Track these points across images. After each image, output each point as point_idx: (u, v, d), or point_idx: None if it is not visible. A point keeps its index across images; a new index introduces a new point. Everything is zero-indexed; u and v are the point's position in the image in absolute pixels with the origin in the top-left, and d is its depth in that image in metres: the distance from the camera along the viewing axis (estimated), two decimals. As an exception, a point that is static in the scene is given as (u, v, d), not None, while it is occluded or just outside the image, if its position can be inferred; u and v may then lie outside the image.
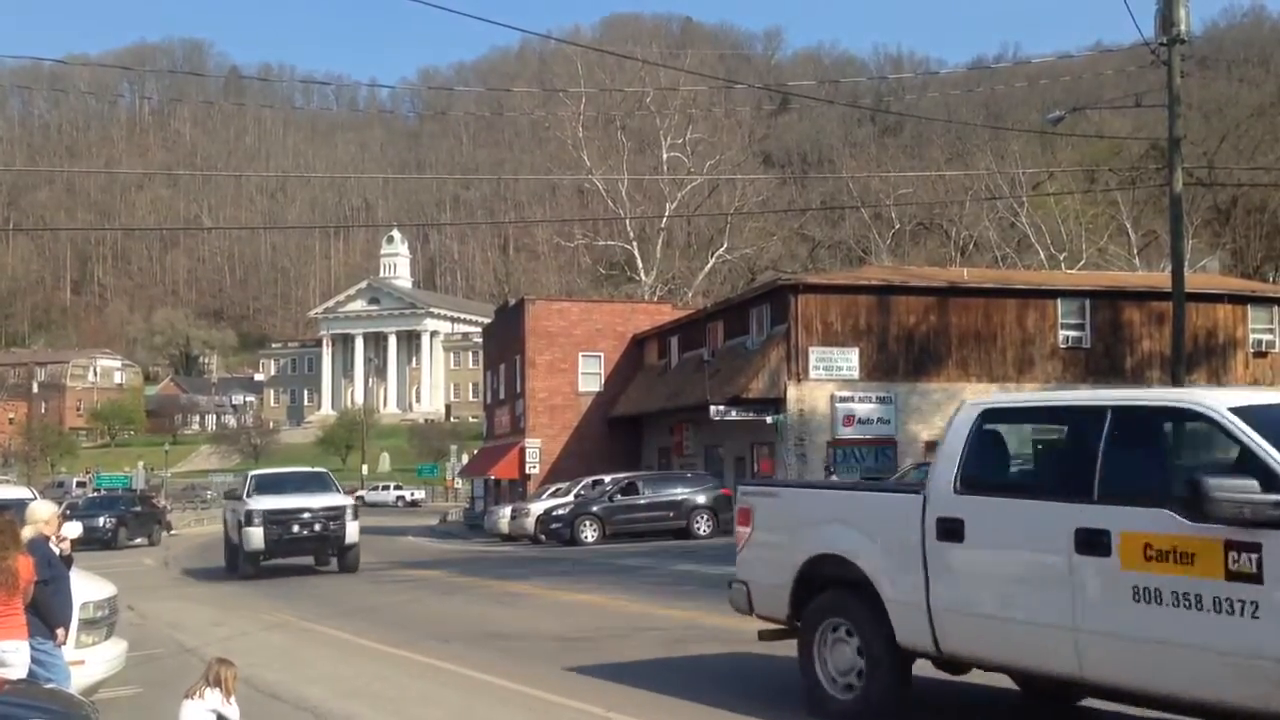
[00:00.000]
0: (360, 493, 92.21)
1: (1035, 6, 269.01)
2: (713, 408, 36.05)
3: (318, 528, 25.95)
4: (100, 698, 9.79)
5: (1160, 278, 39.76)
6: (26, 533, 8.55)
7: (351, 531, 26.32)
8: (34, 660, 8.23)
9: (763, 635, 10.30)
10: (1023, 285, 38.89)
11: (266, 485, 27.40)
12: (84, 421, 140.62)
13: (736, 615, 15.97)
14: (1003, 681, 9.40)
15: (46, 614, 8.48)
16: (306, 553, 27.18)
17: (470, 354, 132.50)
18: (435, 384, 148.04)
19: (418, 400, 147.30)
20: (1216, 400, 6.95)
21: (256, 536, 25.45)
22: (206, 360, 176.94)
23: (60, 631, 8.65)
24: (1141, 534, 6.74)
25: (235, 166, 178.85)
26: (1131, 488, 6.98)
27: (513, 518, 39.57)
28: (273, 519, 25.56)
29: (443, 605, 19.38)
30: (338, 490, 28.34)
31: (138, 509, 44.96)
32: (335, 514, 26.17)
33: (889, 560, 8.45)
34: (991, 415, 8.29)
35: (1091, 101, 57.08)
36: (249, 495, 26.48)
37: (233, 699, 7.69)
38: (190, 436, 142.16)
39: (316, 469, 31.47)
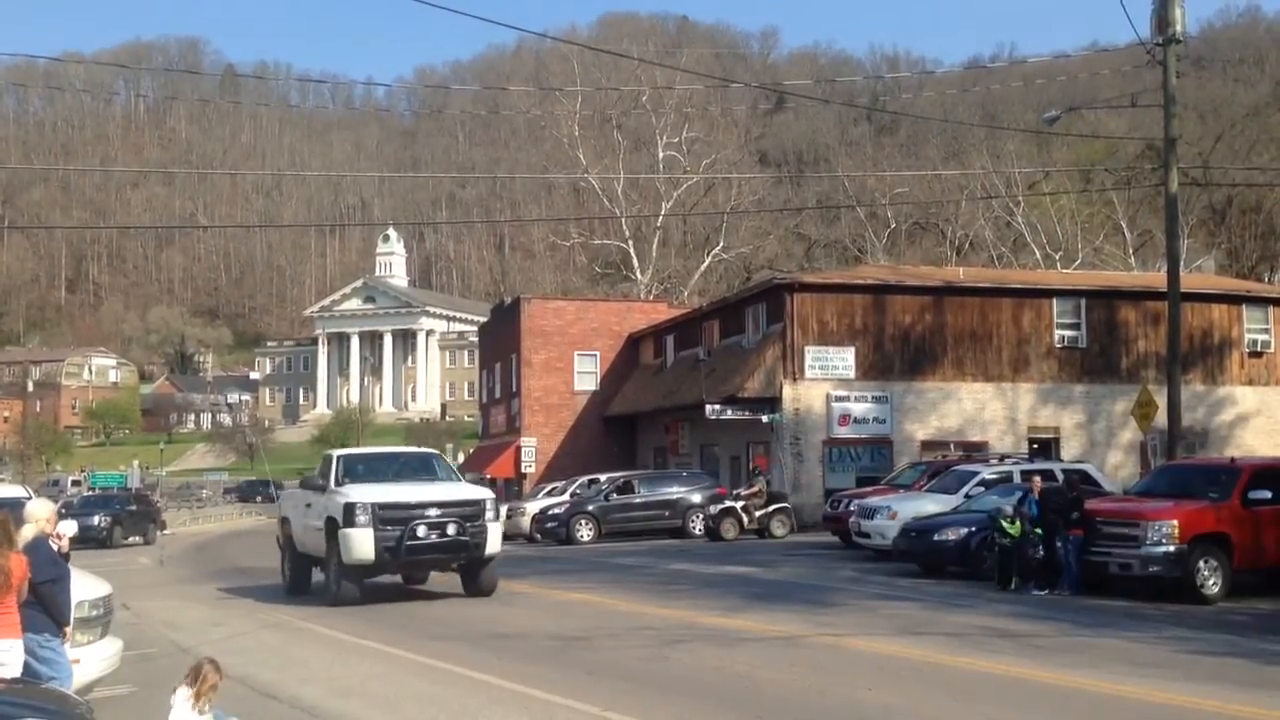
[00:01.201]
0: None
1: (1031, 6, 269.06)
2: (708, 407, 36.04)
3: (451, 530, 18.41)
4: (95, 697, 9.78)
5: (1156, 277, 39.77)
6: (28, 531, 8.54)
7: (494, 536, 19.00)
8: (40, 658, 8.24)
9: None
10: (1018, 285, 38.89)
11: (361, 469, 20.01)
12: (79, 420, 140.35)
13: (732, 615, 16.06)
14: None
15: (55, 612, 8.48)
16: (431, 566, 20.02)
17: (466, 353, 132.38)
18: (431, 383, 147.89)
19: (413, 399, 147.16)
20: None
21: (364, 542, 18.07)
22: (202, 359, 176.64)
23: (67, 629, 8.66)
24: None
25: (231, 165, 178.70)
26: None
27: (508, 517, 39.39)
28: (388, 517, 18.18)
29: (438, 604, 19.36)
30: (460, 477, 21.29)
31: (133, 508, 44.84)
32: (472, 511, 18.83)
33: None
34: None
35: (1087, 101, 57.05)
36: (340, 482, 19.29)
37: (205, 696, 7.51)
38: (185, 435, 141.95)
39: (423, 449, 24.38)
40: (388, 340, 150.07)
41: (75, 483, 78.04)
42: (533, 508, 37.62)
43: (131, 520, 43.16)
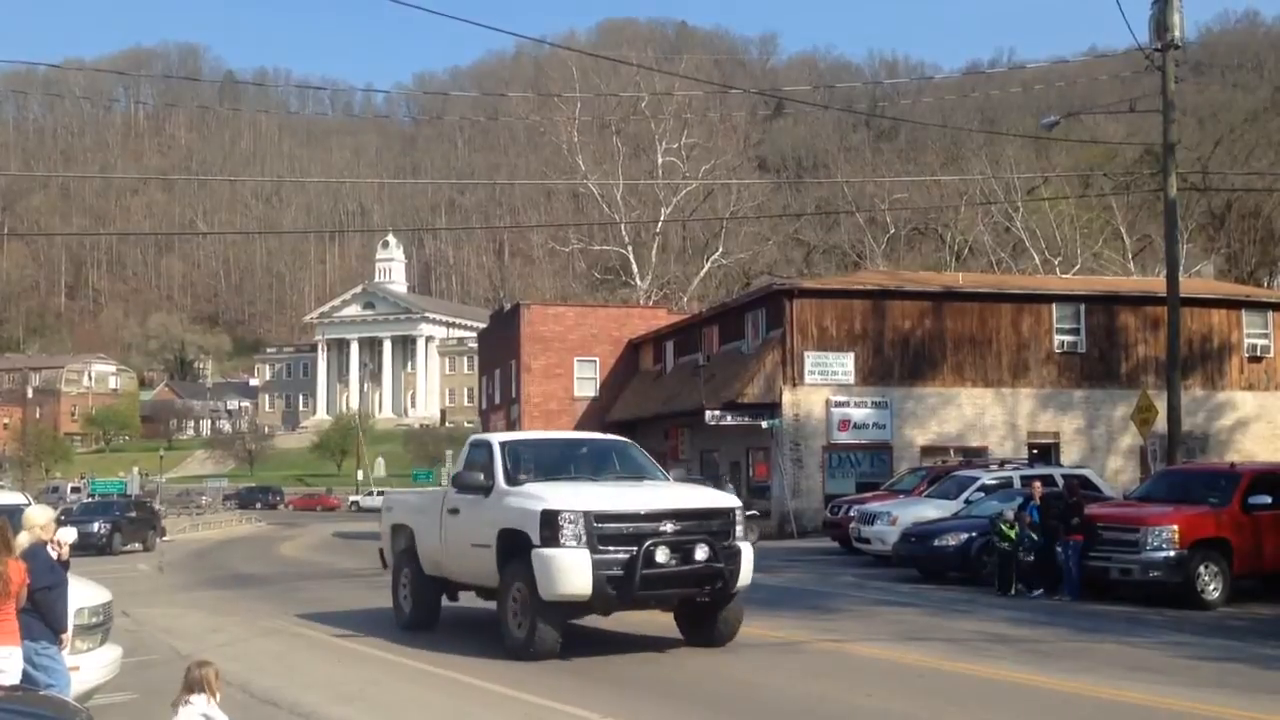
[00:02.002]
0: (356, 498, 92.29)
1: (1030, 11, 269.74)
2: (708, 412, 36.02)
3: (700, 555, 12.68)
4: (95, 704, 9.77)
5: (1155, 282, 39.78)
6: (24, 539, 8.52)
7: (748, 562, 13.35)
8: (38, 665, 8.23)
9: None
10: (1018, 290, 38.89)
11: (536, 462, 14.50)
12: (79, 427, 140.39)
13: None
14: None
15: (52, 619, 8.48)
16: (665, 603, 13.70)
17: (465, 359, 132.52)
18: (430, 389, 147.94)
19: (413, 405, 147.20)
20: None
21: (576, 569, 12.35)
22: (201, 365, 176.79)
23: (64, 636, 8.66)
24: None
25: (230, 171, 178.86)
26: None
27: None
28: (610, 532, 12.59)
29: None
30: (668, 475, 15.40)
31: (132, 514, 44.80)
32: (721, 526, 13.22)
33: None
34: None
35: (1086, 106, 57.09)
36: (513, 480, 13.72)
37: (218, 697, 7.52)
38: (185, 441, 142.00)
39: (612, 436, 17.39)
40: (387, 346, 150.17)
41: (75, 489, 78.06)
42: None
43: (131, 527, 43.10)
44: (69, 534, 9.52)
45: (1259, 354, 38.42)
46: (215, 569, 31.70)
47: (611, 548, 12.52)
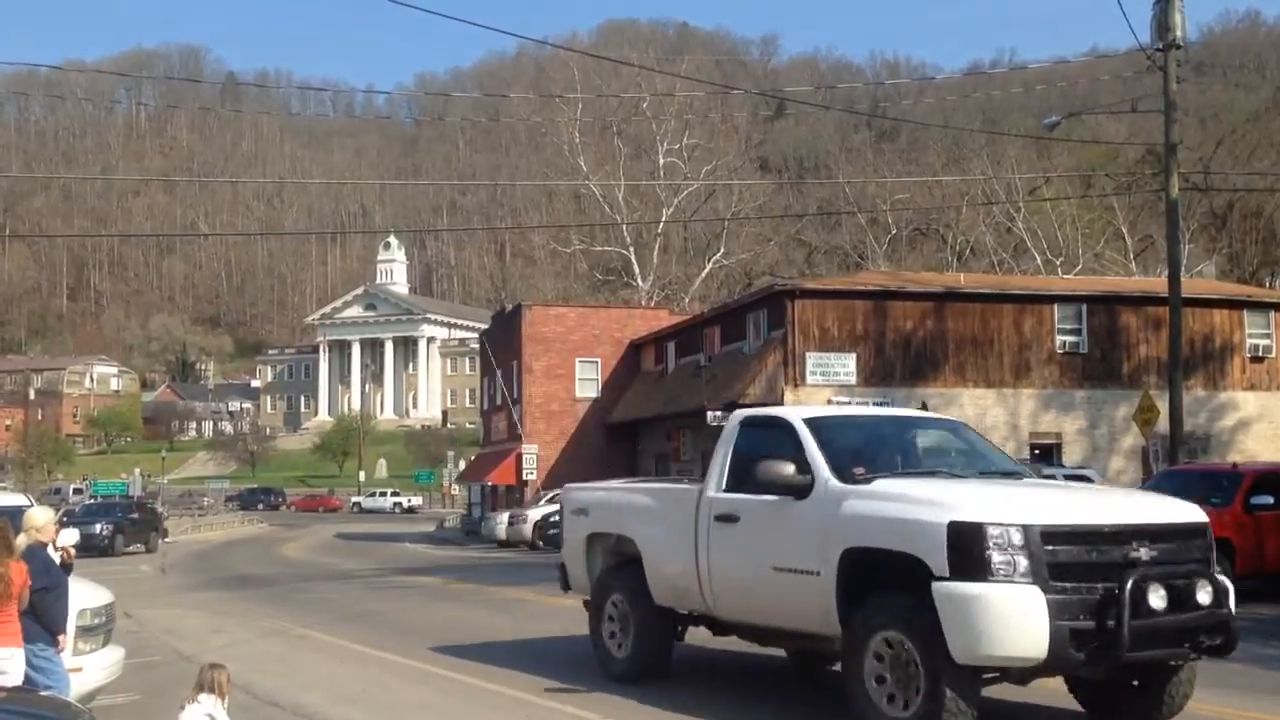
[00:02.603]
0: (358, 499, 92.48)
1: (1031, 11, 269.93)
2: (709, 413, 35.97)
3: (1204, 598, 8.22)
4: (98, 705, 9.77)
5: (1157, 283, 39.76)
6: (22, 540, 8.52)
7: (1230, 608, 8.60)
8: (35, 667, 8.23)
9: None
10: (1019, 290, 38.84)
11: (859, 449, 9.94)
12: (80, 428, 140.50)
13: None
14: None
15: (48, 621, 8.48)
16: (1151, 666, 8.64)
17: (467, 360, 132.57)
18: (432, 390, 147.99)
19: (415, 406, 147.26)
20: None
21: (1025, 616, 7.74)
22: (203, 367, 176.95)
23: (61, 638, 8.65)
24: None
25: (232, 172, 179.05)
26: None
27: (510, 524, 39.60)
28: (1068, 560, 8.03)
29: (440, 612, 19.34)
30: (1032, 472, 10.97)
31: (134, 516, 44.86)
32: (1201, 551, 8.70)
33: None
34: None
35: (1088, 106, 57.14)
36: (849, 476, 9.17)
37: (225, 701, 7.64)
38: (187, 443, 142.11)
39: (934, 414, 14.49)
40: (389, 347, 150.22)
41: (77, 491, 78.13)
42: (534, 515, 37.84)
43: (133, 528, 43.17)
44: (71, 536, 9.52)
45: (1261, 354, 38.38)
46: (217, 570, 31.73)
47: (1070, 584, 8.00)
